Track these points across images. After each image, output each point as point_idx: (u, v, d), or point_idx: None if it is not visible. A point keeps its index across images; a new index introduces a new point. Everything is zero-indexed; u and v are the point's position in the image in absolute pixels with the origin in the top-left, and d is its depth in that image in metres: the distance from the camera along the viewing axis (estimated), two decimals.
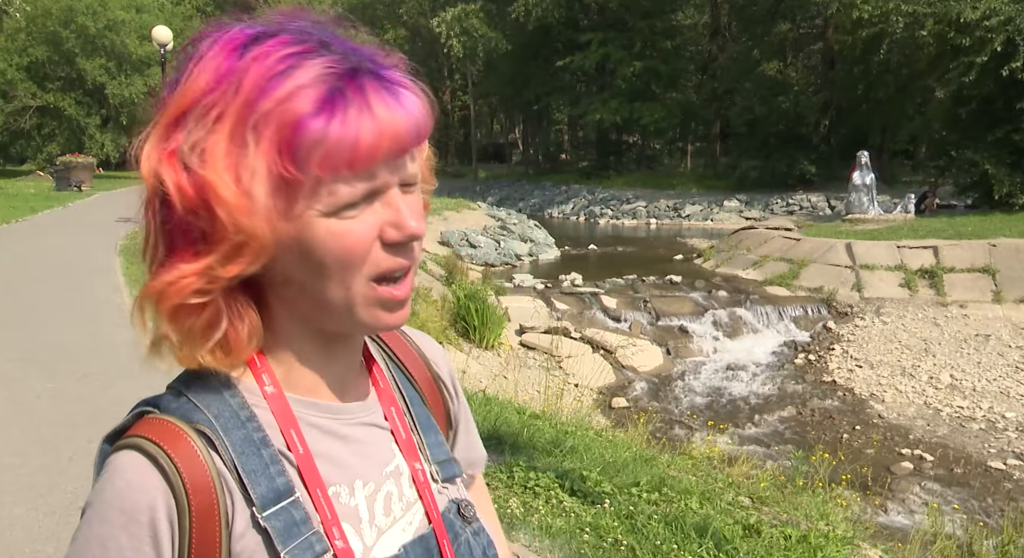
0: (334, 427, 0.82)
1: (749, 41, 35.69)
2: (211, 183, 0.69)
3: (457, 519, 0.88)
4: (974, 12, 18.88)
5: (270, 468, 0.75)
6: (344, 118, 0.68)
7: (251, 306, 0.76)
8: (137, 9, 40.16)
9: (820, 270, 14.67)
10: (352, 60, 0.71)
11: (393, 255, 0.74)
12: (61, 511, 4.21)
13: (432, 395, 0.96)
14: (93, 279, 11.50)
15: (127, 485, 0.70)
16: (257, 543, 0.73)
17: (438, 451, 0.91)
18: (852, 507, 6.28)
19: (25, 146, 40.27)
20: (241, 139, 0.69)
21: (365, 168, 0.70)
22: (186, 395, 0.76)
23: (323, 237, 0.71)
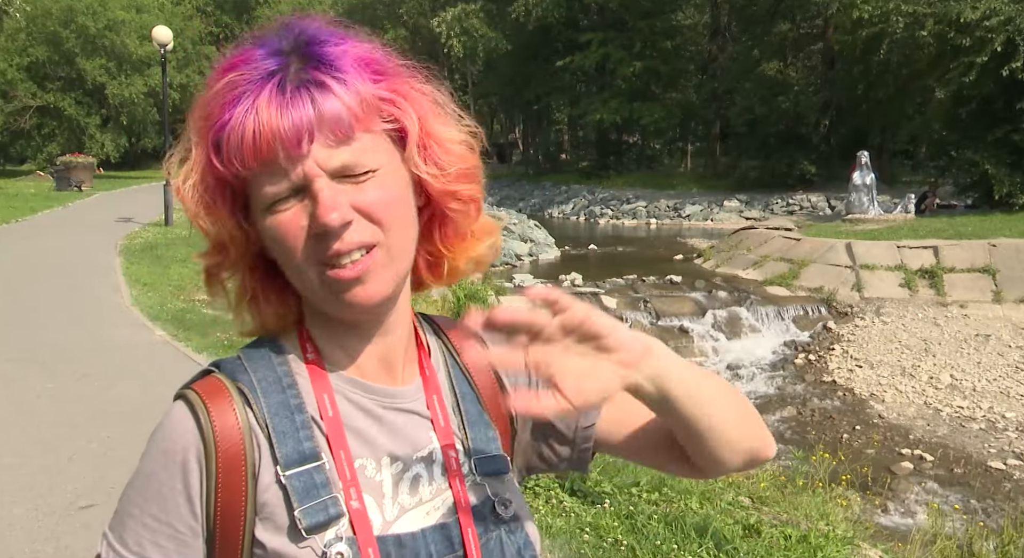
0: (370, 406, 0.87)
1: (749, 41, 35.66)
2: (178, 189, 0.82)
3: (490, 514, 0.89)
4: (974, 12, 18.86)
5: (299, 432, 0.82)
6: (236, 119, 0.76)
7: (282, 287, 0.86)
8: (137, 9, 40.17)
9: (820, 270, 14.66)
10: (286, 63, 0.78)
11: (323, 243, 0.78)
12: (61, 511, 4.21)
13: (492, 397, 0.96)
14: (93, 279, 11.50)
15: (170, 429, 0.82)
16: (278, 498, 0.80)
17: (483, 445, 0.92)
18: (852, 507, 6.28)
19: (25, 146, 40.28)
20: (188, 147, 0.81)
21: (256, 165, 0.76)
22: (242, 359, 0.86)
23: (264, 229, 0.80)
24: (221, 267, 0.85)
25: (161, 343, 7.90)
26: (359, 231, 0.78)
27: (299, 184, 0.77)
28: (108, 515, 0.85)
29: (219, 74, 0.79)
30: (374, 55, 0.82)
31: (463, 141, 0.88)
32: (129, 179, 36.98)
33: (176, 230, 17.76)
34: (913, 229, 16.66)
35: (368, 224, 0.79)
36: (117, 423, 5.55)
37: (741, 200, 29.86)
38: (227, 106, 0.76)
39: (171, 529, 0.80)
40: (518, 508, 0.92)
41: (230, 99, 0.76)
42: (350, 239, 0.78)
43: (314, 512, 0.79)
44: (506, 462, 0.94)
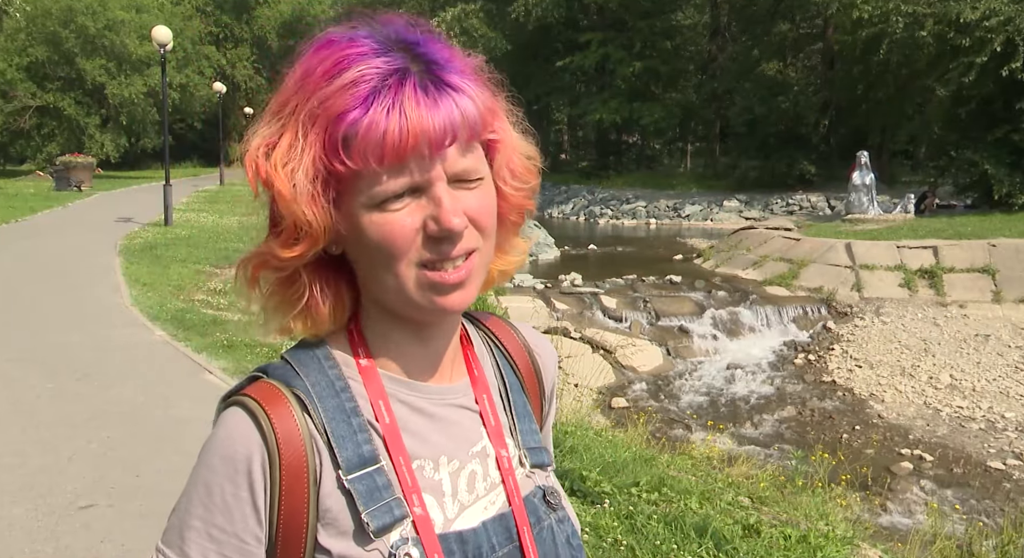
0: (423, 406, 0.87)
1: (749, 41, 35.66)
2: (271, 176, 0.78)
3: (542, 504, 0.91)
4: (974, 12, 18.88)
5: (357, 436, 0.82)
6: (374, 115, 0.74)
7: (338, 284, 0.85)
8: (137, 9, 40.16)
9: (820, 270, 14.66)
10: (406, 61, 0.77)
11: (436, 246, 0.79)
12: (60, 511, 4.21)
13: (532, 386, 1.00)
14: (93, 279, 11.50)
15: (230, 436, 0.80)
16: (342, 503, 0.80)
17: (530, 438, 0.95)
18: (852, 507, 6.28)
19: (25, 146, 40.25)
20: (295, 134, 0.77)
21: (394, 163, 0.75)
22: (291, 363, 0.85)
23: (366, 226, 0.78)
24: (301, 259, 0.81)
25: (161, 343, 7.90)
26: (468, 237, 0.80)
27: (419, 184, 0.77)
28: (108, 515, 0.85)
29: (332, 66, 0.76)
30: (480, 64, 0.84)
31: (532, 157, 0.91)
32: (129, 179, 36.98)
33: (176, 230, 17.77)
34: (913, 229, 16.66)
35: (473, 230, 0.81)
36: (117, 423, 5.55)
37: (741, 200, 29.86)
38: (359, 100, 0.74)
39: (239, 540, 0.79)
40: (562, 498, 0.95)
41: (361, 93, 0.74)
42: (462, 244, 0.79)
43: (380, 514, 0.80)
44: (549, 455, 0.97)
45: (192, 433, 5.35)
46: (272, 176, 0.77)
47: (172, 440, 5.22)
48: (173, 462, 4.83)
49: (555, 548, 0.90)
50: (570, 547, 0.92)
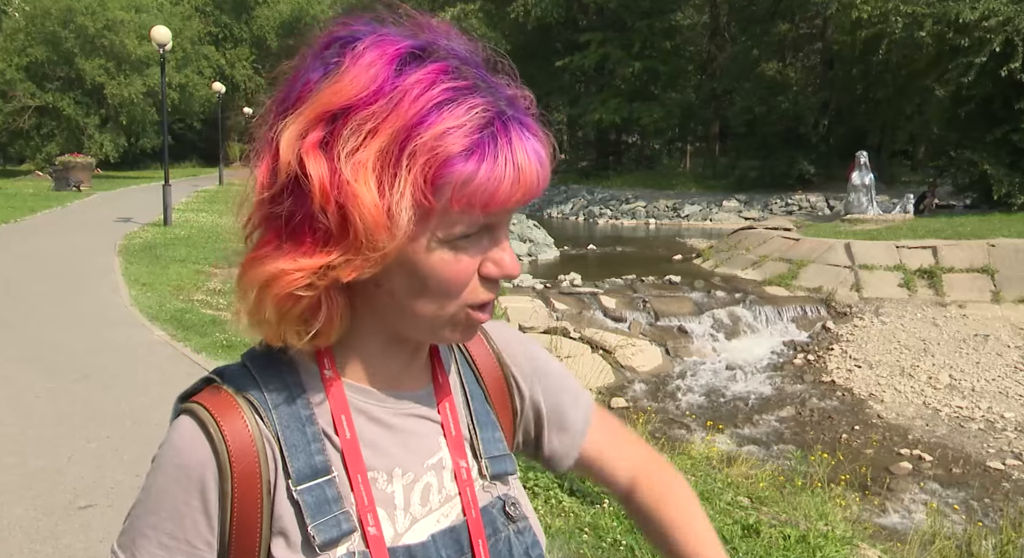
0: (381, 415, 0.85)
1: (748, 41, 35.67)
2: (355, 193, 0.70)
3: (500, 515, 0.89)
4: (973, 13, 18.89)
5: (311, 445, 0.80)
6: (492, 166, 0.72)
7: (345, 300, 0.80)
8: (136, 9, 40.14)
9: (819, 270, 14.67)
10: (500, 103, 0.74)
11: (487, 288, 0.79)
12: (60, 511, 4.21)
13: (498, 391, 0.97)
14: (92, 279, 11.50)
15: (180, 445, 0.78)
16: (291, 514, 0.78)
17: (491, 447, 0.92)
18: (851, 507, 6.28)
19: (24, 146, 40.23)
20: (394, 160, 0.71)
21: (496, 211, 0.74)
22: (250, 368, 0.82)
23: (435, 262, 0.75)
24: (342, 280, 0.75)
25: (160, 343, 7.90)
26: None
27: (491, 225, 0.77)
28: (108, 515, 0.85)
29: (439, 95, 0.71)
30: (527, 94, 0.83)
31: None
32: (128, 179, 36.97)
33: (175, 230, 17.77)
34: (912, 229, 16.67)
35: None
36: (116, 423, 5.55)
37: (740, 200, 29.87)
38: (471, 145, 0.71)
39: (189, 546, 0.78)
40: (525, 507, 0.92)
41: (472, 140, 0.71)
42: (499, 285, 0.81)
43: (327, 528, 0.78)
44: (513, 462, 0.94)
45: None
46: (360, 193, 0.70)
47: None
48: None
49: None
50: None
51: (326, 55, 0.75)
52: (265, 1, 57.14)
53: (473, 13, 37.21)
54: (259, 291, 0.76)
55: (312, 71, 0.75)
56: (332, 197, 0.71)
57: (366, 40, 0.74)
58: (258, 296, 0.76)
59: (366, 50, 0.73)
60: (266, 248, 0.76)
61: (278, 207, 0.74)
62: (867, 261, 14.54)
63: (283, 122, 0.73)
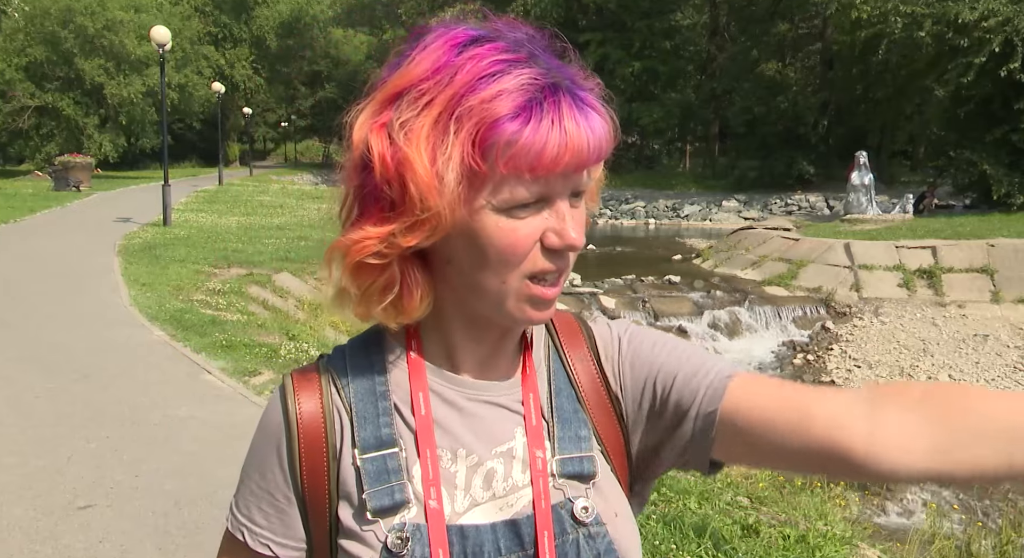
0: (453, 397, 0.88)
1: (748, 41, 35.69)
2: (409, 159, 0.76)
3: (569, 518, 0.86)
4: (972, 13, 18.91)
5: (380, 418, 0.86)
6: (537, 127, 0.74)
7: (424, 276, 0.84)
8: (136, 9, 40.16)
9: (818, 270, 14.68)
10: (554, 76, 0.77)
11: (549, 259, 0.80)
12: (59, 511, 4.21)
13: (593, 391, 0.93)
14: (92, 279, 11.50)
15: (269, 410, 0.89)
16: (353, 480, 0.85)
17: (571, 446, 0.89)
18: (851, 507, 6.28)
19: (23, 146, 40.25)
20: (444, 126, 0.76)
21: (544, 175, 0.76)
22: (346, 348, 0.91)
23: (492, 229, 0.78)
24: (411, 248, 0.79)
25: (160, 343, 7.90)
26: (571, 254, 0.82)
27: (548, 196, 0.78)
28: (107, 515, 0.87)
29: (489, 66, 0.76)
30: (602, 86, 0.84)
31: (602, 181, 0.92)
32: (127, 179, 36.96)
33: (175, 230, 17.76)
34: (911, 229, 16.68)
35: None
36: (116, 423, 5.55)
37: (740, 200, 29.88)
38: (517, 110, 0.74)
39: (271, 496, 0.87)
40: (604, 513, 0.88)
41: (519, 103, 0.74)
42: (567, 260, 0.81)
43: (380, 496, 0.82)
44: (593, 463, 0.89)
45: (191, 433, 5.35)
46: (412, 163, 0.75)
47: (171, 440, 5.22)
48: (172, 462, 4.83)
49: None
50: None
51: (400, 51, 0.82)
52: (264, 1, 57.17)
53: (472, 13, 37.20)
54: (338, 264, 0.83)
55: (389, 69, 0.82)
56: (392, 167, 0.76)
57: (433, 34, 0.81)
58: (338, 268, 0.83)
59: (432, 40, 0.80)
60: (347, 224, 0.83)
61: (356, 186, 0.81)
62: (867, 261, 14.55)
63: (356, 108, 0.81)
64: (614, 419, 0.93)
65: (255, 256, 13.86)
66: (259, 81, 58.57)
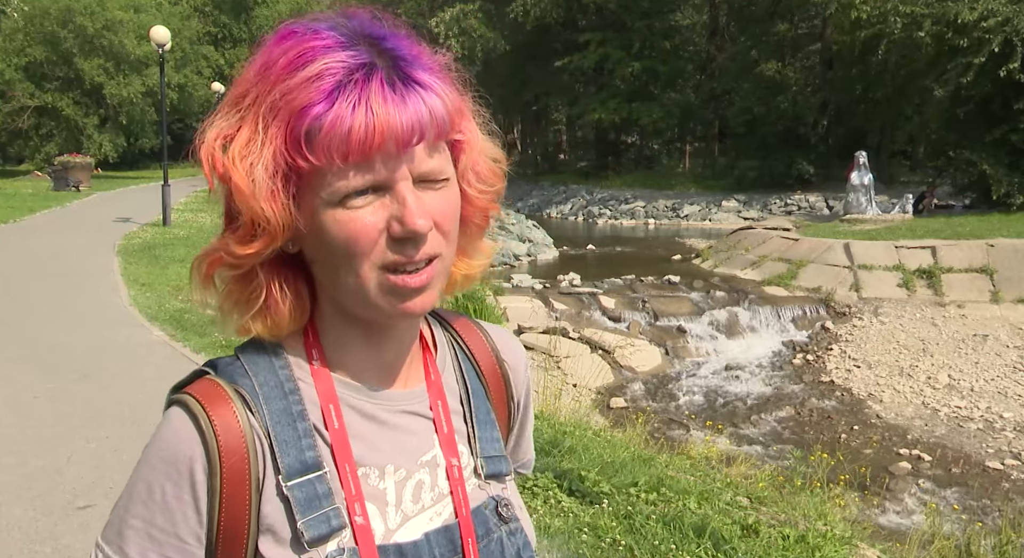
0: (374, 411, 0.85)
1: (747, 41, 35.67)
2: (228, 167, 0.75)
3: (493, 516, 0.88)
4: (972, 13, 18.90)
5: (301, 441, 0.79)
6: (339, 111, 0.71)
7: (296, 284, 0.82)
8: (135, 9, 40.13)
9: (818, 270, 14.68)
10: (372, 56, 0.74)
11: (400, 248, 0.76)
12: (59, 511, 4.21)
13: (497, 391, 0.96)
14: (91, 279, 11.50)
15: (171, 437, 0.78)
16: (279, 509, 0.78)
17: (489, 446, 0.92)
18: (850, 507, 6.29)
19: (23, 146, 40.23)
20: (255, 127, 0.74)
21: (359, 160, 0.73)
22: (241, 360, 0.82)
23: (330, 224, 0.75)
24: (257, 257, 0.78)
25: (159, 343, 7.90)
26: (431, 241, 0.77)
27: (383, 182, 0.74)
28: (106, 515, 0.84)
29: (296, 57, 0.74)
30: (448, 62, 0.81)
31: (499, 159, 0.88)
32: (127, 179, 36.95)
33: (174, 230, 17.75)
34: (911, 229, 16.68)
35: (437, 234, 0.78)
36: (115, 423, 5.55)
37: (739, 200, 29.87)
38: (323, 94, 0.72)
39: (179, 540, 0.77)
40: (518, 509, 0.92)
41: (326, 87, 0.72)
42: (425, 248, 0.76)
43: (316, 524, 0.77)
44: (508, 463, 0.93)
45: None
46: (230, 170, 0.74)
47: None
48: None
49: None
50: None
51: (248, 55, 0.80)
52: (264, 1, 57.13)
53: (472, 13, 37.20)
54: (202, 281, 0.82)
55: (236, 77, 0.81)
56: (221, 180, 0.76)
57: (270, 33, 0.79)
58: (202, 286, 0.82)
59: (264, 41, 0.78)
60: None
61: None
62: (866, 261, 14.55)
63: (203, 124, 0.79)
64: (506, 415, 0.98)
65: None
66: None
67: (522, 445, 1.05)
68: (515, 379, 0.99)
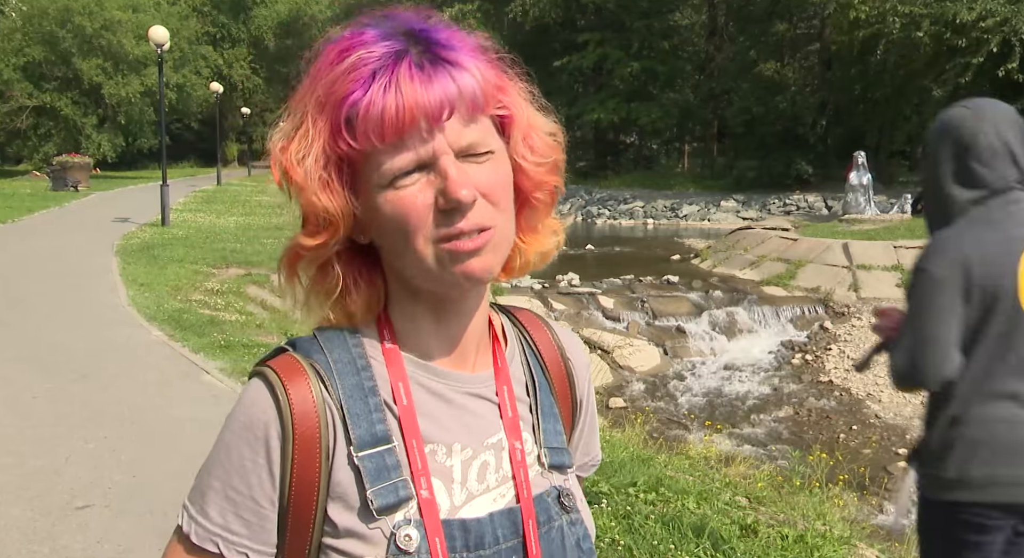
0: (442, 391, 0.88)
1: (746, 41, 35.68)
2: (285, 167, 0.81)
3: (555, 504, 0.91)
4: (970, 13, 18.93)
5: (372, 415, 0.83)
6: (372, 94, 0.76)
7: (371, 273, 0.87)
8: (134, 9, 40.14)
9: (817, 270, 14.68)
10: (406, 44, 0.79)
11: (448, 220, 0.79)
12: (57, 511, 4.21)
13: (562, 388, 0.99)
14: (90, 279, 11.49)
15: (250, 405, 0.83)
16: (351, 478, 0.82)
17: (552, 438, 0.95)
18: (849, 507, 6.28)
19: (21, 146, 40.21)
20: (307, 124, 0.80)
21: (395, 139, 0.77)
22: (318, 339, 0.87)
23: (382, 206, 0.80)
24: (325, 248, 0.83)
25: (158, 343, 7.89)
26: (480, 211, 0.80)
27: (426, 160, 0.78)
28: (105, 516, 0.86)
29: (337, 55, 0.80)
30: (484, 43, 0.86)
31: (554, 133, 0.92)
32: (126, 179, 36.92)
33: (173, 231, 17.75)
34: (910, 229, 16.67)
35: (486, 205, 0.80)
36: (114, 423, 5.55)
37: (738, 200, 29.87)
38: (359, 83, 0.77)
39: (254, 503, 0.82)
40: (579, 501, 0.95)
41: (361, 76, 0.77)
42: (474, 218, 0.79)
43: (385, 493, 0.81)
44: (570, 456, 0.97)
45: (189, 433, 5.34)
46: (290, 169, 0.80)
47: (169, 440, 5.22)
48: (170, 462, 4.82)
49: (563, 550, 0.89)
50: (579, 550, 0.91)
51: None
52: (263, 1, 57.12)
53: (471, 13, 37.20)
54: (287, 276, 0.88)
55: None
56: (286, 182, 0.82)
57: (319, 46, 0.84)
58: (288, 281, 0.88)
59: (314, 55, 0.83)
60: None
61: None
62: (865, 261, 14.55)
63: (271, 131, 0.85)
64: (570, 412, 1.01)
65: (253, 256, 13.86)
66: (257, 81, 58.52)
67: (591, 444, 1.08)
68: (579, 378, 1.02)
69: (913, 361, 2.16)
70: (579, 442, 1.05)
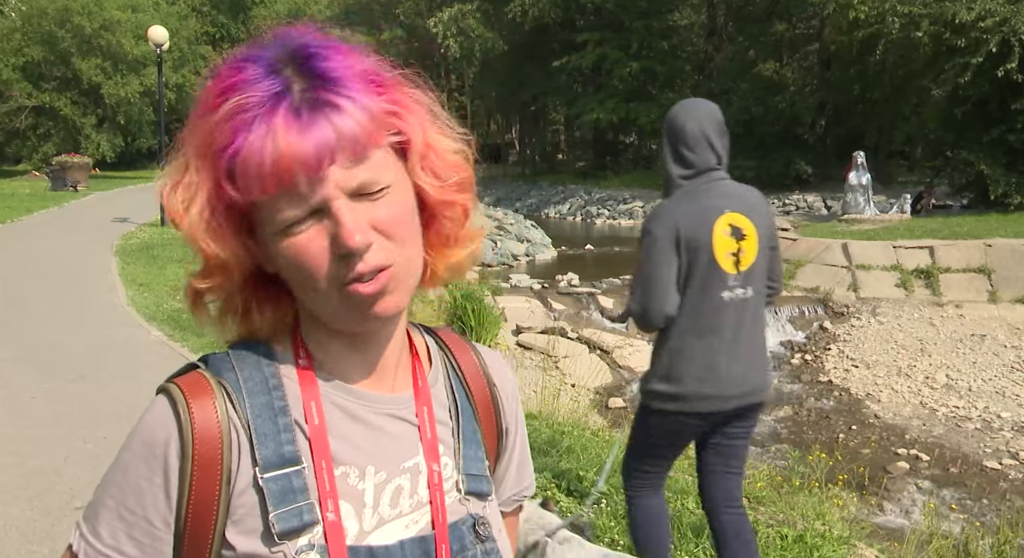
0: (358, 411, 0.85)
1: (745, 41, 35.69)
2: (171, 215, 0.79)
3: (470, 533, 0.88)
4: (969, 13, 18.91)
5: (281, 435, 0.81)
6: (250, 146, 0.74)
7: (278, 296, 0.86)
8: (133, 9, 40.07)
9: (816, 270, 14.68)
10: (289, 81, 0.75)
11: (347, 264, 0.77)
12: (56, 511, 4.21)
13: (486, 413, 0.97)
14: (89, 279, 11.49)
15: (151, 422, 0.81)
16: (253, 502, 0.79)
17: (472, 464, 0.92)
18: (848, 507, 6.28)
19: (21, 146, 40.14)
20: (186, 169, 0.79)
21: (278, 191, 0.75)
22: (230, 356, 0.85)
23: (280, 253, 0.78)
24: (219, 289, 0.83)
25: (157, 343, 7.89)
26: (377, 253, 0.77)
27: (318, 205, 0.75)
28: None
29: (217, 95, 0.76)
30: (374, 67, 0.81)
31: (459, 151, 0.88)
32: (125, 179, 36.90)
33: (172, 231, 17.62)
34: (909, 229, 16.69)
35: (385, 242, 0.78)
36: (113, 423, 5.54)
37: None
38: (237, 131, 0.74)
39: (148, 523, 0.79)
40: (496, 530, 0.91)
41: (239, 123, 0.74)
42: (371, 260, 0.77)
43: (288, 517, 0.78)
44: (490, 484, 0.93)
45: None
46: (175, 217, 0.79)
47: None
48: None
49: None
50: None
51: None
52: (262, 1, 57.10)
53: (471, 13, 37.20)
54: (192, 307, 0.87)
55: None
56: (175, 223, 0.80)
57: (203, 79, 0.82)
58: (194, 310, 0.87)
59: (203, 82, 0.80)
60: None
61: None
62: (864, 261, 14.56)
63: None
64: (495, 440, 0.98)
65: None
66: None
67: (523, 474, 1.04)
68: (506, 404, 0.99)
69: (644, 303, 2.79)
70: (506, 472, 1.01)
